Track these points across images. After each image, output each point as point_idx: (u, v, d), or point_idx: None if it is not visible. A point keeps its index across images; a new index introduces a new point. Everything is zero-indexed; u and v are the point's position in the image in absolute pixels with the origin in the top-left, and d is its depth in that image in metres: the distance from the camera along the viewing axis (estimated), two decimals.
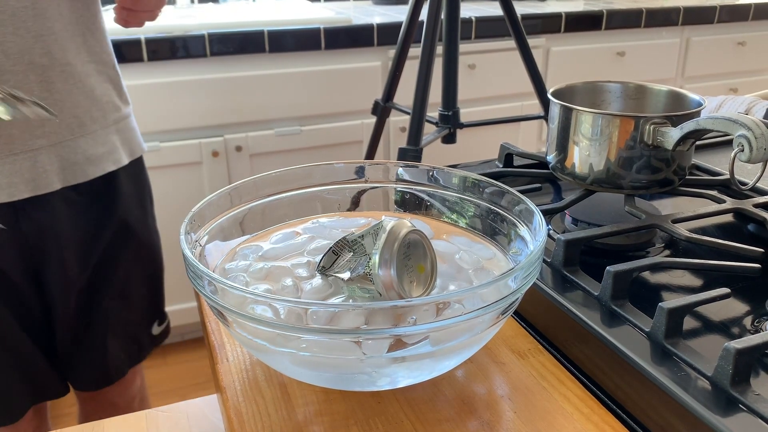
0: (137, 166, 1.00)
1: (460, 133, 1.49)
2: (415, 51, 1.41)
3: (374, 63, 1.83)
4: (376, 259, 0.44)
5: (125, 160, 0.95)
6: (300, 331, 0.40)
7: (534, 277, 0.45)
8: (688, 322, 0.48)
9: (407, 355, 0.42)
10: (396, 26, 1.79)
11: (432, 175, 0.59)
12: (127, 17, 0.85)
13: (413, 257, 0.46)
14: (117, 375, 1.03)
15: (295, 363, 0.44)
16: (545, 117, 1.49)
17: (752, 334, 0.47)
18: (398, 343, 0.42)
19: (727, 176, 0.70)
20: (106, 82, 0.92)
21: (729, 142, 0.85)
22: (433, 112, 1.45)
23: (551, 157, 0.67)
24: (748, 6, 2.28)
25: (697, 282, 0.55)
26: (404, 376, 0.45)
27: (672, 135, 0.58)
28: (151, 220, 1.05)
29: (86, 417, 1.12)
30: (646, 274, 0.56)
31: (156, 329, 1.10)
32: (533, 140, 2.12)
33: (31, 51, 0.81)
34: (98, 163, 0.90)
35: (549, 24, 2.00)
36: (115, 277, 0.98)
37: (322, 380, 0.46)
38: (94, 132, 0.90)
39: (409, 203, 0.61)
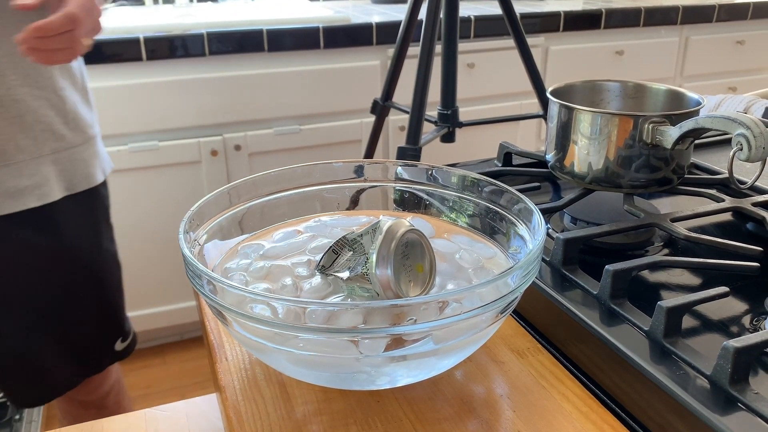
0: (90, 195, 0.93)
1: (459, 132, 1.49)
2: (414, 50, 1.41)
3: (373, 62, 1.83)
4: (373, 258, 0.44)
5: (56, 195, 0.87)
6: (297, 330, 0.40)
7: (533, 276, 0.45)
8: (687, 321, 0.48)
9: (406, 354, 0.42)
10: (395, 25, 1.79)
11: (431, 174, 0.59)
12: (39, 57, 0.72)
13: (411, 257, 0.46)
14: (63, 388, 1.00)
15: (293, 362, 0.44)
16: (544, 116, 1.49)
17: (751, 332, 0.47)
18: (396, 342, 0.42)
19: (726, 175, 0.70)
20: (45, 109, 0.84)
21: (728, 141, 0.85)
22: (432, 111, 1.45)
23: (550, 156, 0.67)
24: (747, 5, 2.28)
25: (695, 281, 0.55)
26: (403, 375, 0.45)
27: (671, 134, 0.58)
28: (107, 244, 0.99)
29: (63, 412, 1.11)
30: (645, 273, 0.56)
31: (119, 345, 1.06)
32: (532, 139, 2.12)
33: None
34: (18, 197, 0.83)
35: (548, 23, 2.00)
36: (60, 302, 0.94)
37: (321, 379, 0.46)
38: (19, 162, 0.82)
39: (408, 202, 0.61)
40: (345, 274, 0.48)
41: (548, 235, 0.59)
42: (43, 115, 0.84)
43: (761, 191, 0.68)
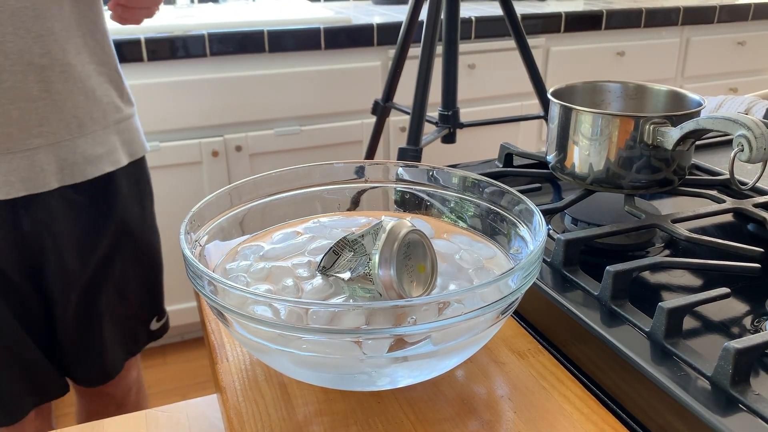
0: (138, 166, 0.99)
1: (460, 133, 1.49)
2: (415, 51, 1.41)
3: (374, 63, 1.83)
4: (375, 259, 0.44)
5: (124, 161, 0.95)
6: (300, 331, 0.40)
7: (534, 276, 0.45)
8: (688, 322, 0.48)
9: (407, 355, 0.42)
10: (396, 26, 1.79)
11: (432, 175, 0.59)
12: (123, 14, 0.85)
13: (413, 257, 0.46)
14: (114, 372, 1.03)
15: (295, 363, 0.44)
16: (545, 117, 1.49)
17: (752, 333, 0.47)
18: (398, 343, 0.42)
19: (727, 176, 0.70)
20: (106, 83, 0.92)
21: (729, 142, 0.85)
22: (433, 112, 1.45)
23: (551, 157, 0.67)
24: (747, 6, 2.28)
25: (696, 282, 0.55)
26: (404, 376, 0.45)
27: (672, 135, 0.58)
28: (150, 219, 1.05)
29: (84, 408, 1.11)
30: (646, 274, 0.56)
31: (154, 325, 1.10)
32: (533, 140, 2.12)
33: (30, 51, 0.80)
34: (97, 163, 0.90)
35: (549, 24, 2.00)
36: (114, 275, 0.98)
37: (322, 380, 0.46)
38: (93, 132, 0.90)
39: (409, 203, 0.61)
40: (346, 275, 0.48)
41: (549, 236, 0.59)
42: (107, 89, 0.92)
43: (762, 192, 0.68)
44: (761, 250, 0.56)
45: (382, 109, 1.54)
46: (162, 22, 1.70)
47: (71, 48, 0.85)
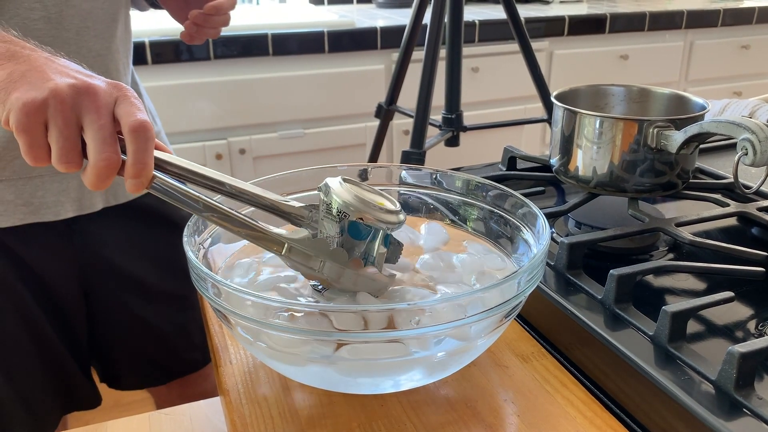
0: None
1: (464, 136, 1.49)
2: (419, 54, 1.41)
3: (377, 66, 1.83)
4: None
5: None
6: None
7: (537, 280, 0.45)
8: (692, 326, 0.48)
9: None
10: (399, 29, 1.79)
11: (435, 178, 0.59)
12: (195, 33, 0.85)
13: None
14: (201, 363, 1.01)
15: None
16: (549, 120, 1.49)
17: (756, 337, 0.47)
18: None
19: (731, 180, 0.70)
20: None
21: (733, 146, 0.85)
22: (437, 115, 1.45)
23: (555, 161, 0.67)
24: (751, 9, 2.28)
25: (700, 285, 0.55)
26: (407, 379, 0.45)
27: (675, 138, 0.58)
28: None
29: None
30: (650, 278, 0.56)
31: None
32: (536, 143, 2.11)
33: (91, 69, 0.81)
34: None
35: (552, 27, 2.00)
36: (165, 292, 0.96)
37: (326, 383, 0.46)
38: None
39: (413, 206, 0.61)
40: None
41: (552, 239, 0.59)
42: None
43: (766, 196, 0.68)
44: (765, 253, 0.55)
45: (385, 113, 1.54)
46: (166, 26, 1.71)
47: (122, 67, 0.86)
